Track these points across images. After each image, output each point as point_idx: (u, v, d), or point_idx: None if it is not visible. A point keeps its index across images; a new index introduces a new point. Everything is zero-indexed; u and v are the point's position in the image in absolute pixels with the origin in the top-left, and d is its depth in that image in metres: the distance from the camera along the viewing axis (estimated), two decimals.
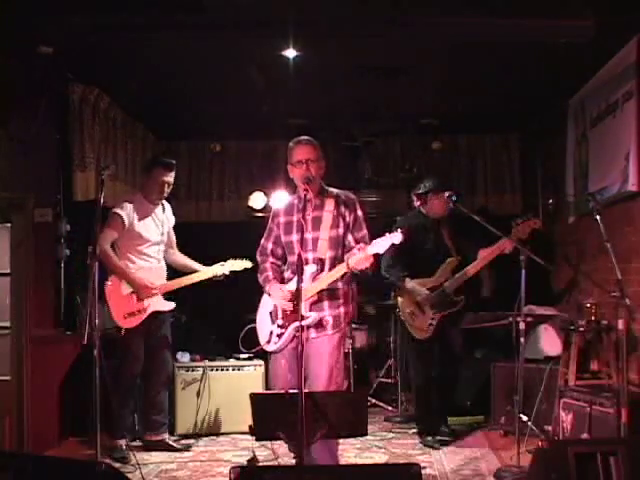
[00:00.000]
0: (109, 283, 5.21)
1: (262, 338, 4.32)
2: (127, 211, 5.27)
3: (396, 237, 3.90)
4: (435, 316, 5.46)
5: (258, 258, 4.44)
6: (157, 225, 5.45)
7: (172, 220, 5.63)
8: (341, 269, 4.02)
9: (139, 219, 5.32)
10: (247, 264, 5.26)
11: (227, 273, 5.42)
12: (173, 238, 5.67)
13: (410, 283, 5.55)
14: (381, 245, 3.91)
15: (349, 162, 7.57)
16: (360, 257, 3.87)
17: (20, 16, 4.58)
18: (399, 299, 5.69)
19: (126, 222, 5.24)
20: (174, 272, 5.58)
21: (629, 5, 4.49)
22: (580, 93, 6.22)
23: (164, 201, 5.54)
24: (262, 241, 4.41)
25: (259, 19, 4.72)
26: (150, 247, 5.39)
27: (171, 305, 5.45)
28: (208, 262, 5.57)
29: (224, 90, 6.18)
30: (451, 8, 4.60)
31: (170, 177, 5.40)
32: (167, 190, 5.43)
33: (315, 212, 4.15)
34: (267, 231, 4.40)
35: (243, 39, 4.98)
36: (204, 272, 5.44)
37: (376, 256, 3.96)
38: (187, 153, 7.70)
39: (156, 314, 5.34)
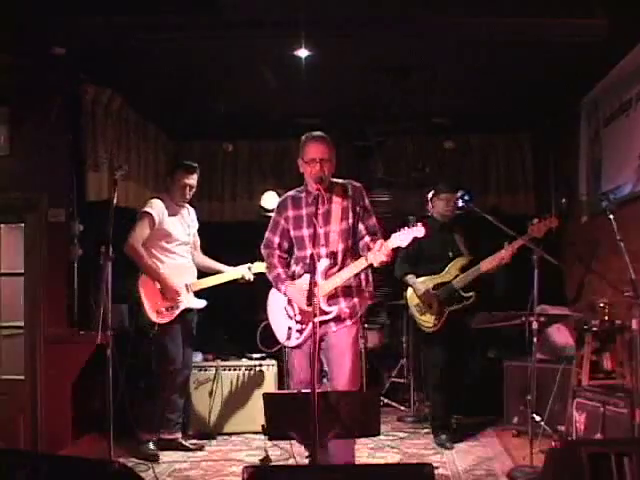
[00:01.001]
0: (142, 276, 5.25)
1: (280, 335, 4.30)
2: (157, 209, 5.31)
3: (419, 231, 3.89)
4: (443, 311, 5.50)
5: (263, 252, 4.40)
6: (184, 226, 5.50)
7: (196, 224, 5.69)
8: (361, 264, 4.01)
9: (168, 217, 5.36)
10: None
11: (251, 279, 5.49)
12: (197, 241, 5.73)
13: (412, 279, 5.64)
14: (402, 238, 3.90)
15: (361, 162, 7.55)
16: (381, 255, 3.87)
17: (33, 17, 4.60)
18: (408, 292, 5.78)
19: (156, 220, 5.29)
20: (199, 273, 5.62)
21: None
22: (593, 92, 6.18)
23: (188, 205, 5.60)
24: (267, 234, 4.37)
25: (271, 19, 4.73)
26: (178, 246, 5.44)
27: (202, 303, 5.49)
28: (222, 262, 5.65)
29: (236, 90, 6.19)
30: (463, 7, 4.60)
31: (192, 180, 5.47)
32: (189, 193, 5.50)
33: (324, 206, 4.15)
34: (273, 224, 4.35)
35: (255, 39, 4.99)
36: (232, 273, 5.52)
37: (395, 249, 3.96)
38: (199, 153, 7.69)
39: (187, 311, 5.39)
